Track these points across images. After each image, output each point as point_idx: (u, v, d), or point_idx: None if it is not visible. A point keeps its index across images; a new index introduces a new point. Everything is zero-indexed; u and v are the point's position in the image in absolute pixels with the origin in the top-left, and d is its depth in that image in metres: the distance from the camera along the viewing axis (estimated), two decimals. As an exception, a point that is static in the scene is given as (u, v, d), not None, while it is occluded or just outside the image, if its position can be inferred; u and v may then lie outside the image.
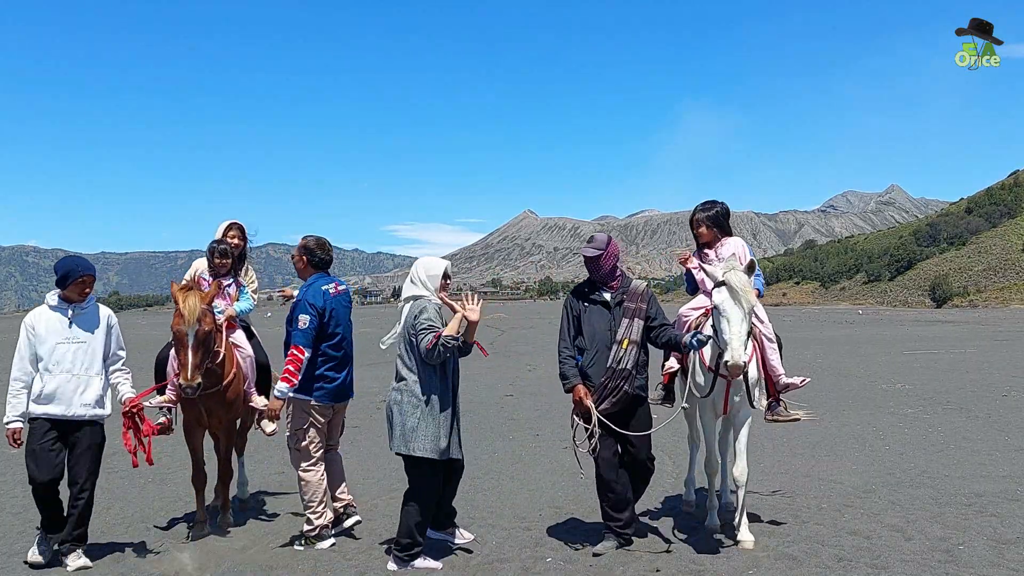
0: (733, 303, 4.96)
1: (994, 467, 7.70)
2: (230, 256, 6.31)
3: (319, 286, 5.53)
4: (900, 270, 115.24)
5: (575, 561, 5.12)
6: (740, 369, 4.92)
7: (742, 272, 5.09)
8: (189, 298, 5.40)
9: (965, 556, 5.03)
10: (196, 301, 5.39)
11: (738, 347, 4.87)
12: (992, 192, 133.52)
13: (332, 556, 5.30)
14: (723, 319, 4.98)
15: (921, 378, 15.83)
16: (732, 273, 5.06)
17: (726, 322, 4.96)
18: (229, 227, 6.57)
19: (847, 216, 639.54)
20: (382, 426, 10.67)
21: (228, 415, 5.93)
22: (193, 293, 5.47)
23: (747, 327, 4.98)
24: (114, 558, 5.38)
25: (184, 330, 5.31)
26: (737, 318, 4.93)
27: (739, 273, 5.06)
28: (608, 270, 5.36)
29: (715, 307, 5.08)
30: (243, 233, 6.67)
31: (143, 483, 7.49)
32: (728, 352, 4.90)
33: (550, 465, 8.19)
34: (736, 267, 5.16)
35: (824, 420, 10.32)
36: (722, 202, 6.06)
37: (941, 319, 51.59)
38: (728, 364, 4.90)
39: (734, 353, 4.86)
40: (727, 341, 4.92)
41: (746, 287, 4.99)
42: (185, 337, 5.31)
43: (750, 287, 5.05)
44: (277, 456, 8.55)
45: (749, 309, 5.00)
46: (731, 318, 4.94)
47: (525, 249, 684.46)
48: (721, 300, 5.02)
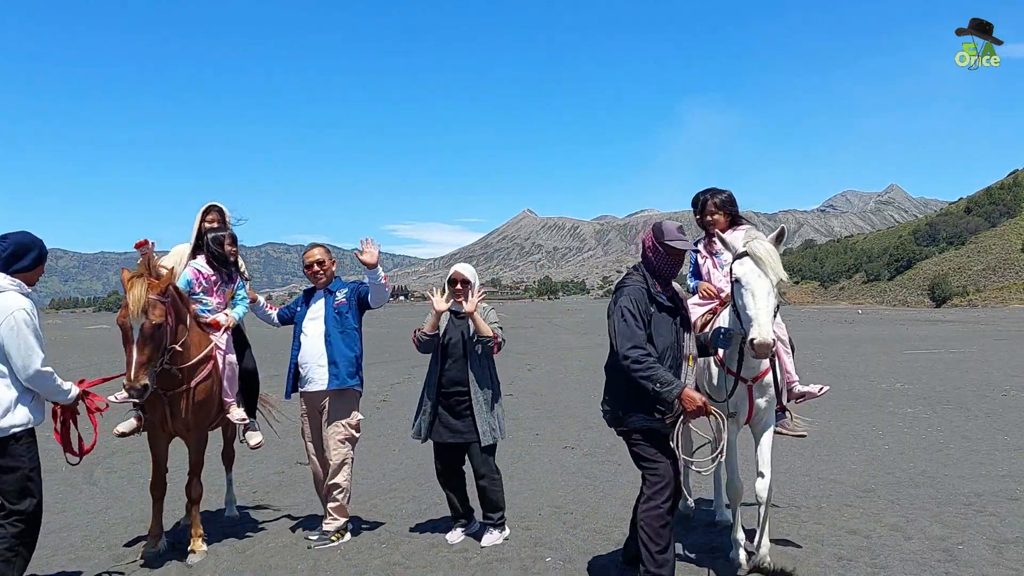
0: (758, 274, 4.41)
1: (994, 466, 7.70)
2: (236, 243, 5.81)
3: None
4: (900, 270, 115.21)
5: (575, 561, 5.12)
6: (769, 348, 4.28)
7: (767, 242, 4.55)
8: (135, 287, 4.68)
9: (965, 555, 5.03)
10: (143, 291, 4.67)
11: (766, 322, 4.28)
12: (991, 192, 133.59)
13: (332, 555, 5.30)
14: (747, 292, 4.40)
15: (921, 378, 15.84)
16: (755, 242, 4.54)
17: (750, 296, 4.38)
18: (207, 211, 5.88)
19: (847, 216, 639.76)
20: (382, 426, 10.71)
21: (197, 419, 5.27)
22: (140, 281, 4.73)
23: (774, 302, 4.41)
24: (114, 557, 5.38)
25: (129, 323, 4.62)
26: (763, 291, 4.37)
27: (763, 242, 4.54)
28: (678, 269, 4.61)
29: (736, 281, 4.50)
30: (223, 218, 5.95)
31: (142, 483, 7.48)
32: (755, 328, 4.28)
33: (550, 465, 8.19)
34: (759, 236, 4.65)
35: (824, 420, 10.33)
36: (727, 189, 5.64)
37: (941, 319, 51.62)
38: (755, 342, 4.25)
39: (761, 329, 4.25)
40: (752, 317, 4.31)
41: (772, 257, 4.45)
42: (130, 331, 4.62)
43: (776, 257, 4.49)
44: (277, 456, 8.56)
45: (776, 282, 4.43)
46: (756, 291, 4.37)
47: (524, 249, 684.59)
48: (744, 272, 4.46)
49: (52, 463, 8.56)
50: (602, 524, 5.91)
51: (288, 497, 7.02)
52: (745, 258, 4.51)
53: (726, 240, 4.73)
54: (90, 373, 22.19)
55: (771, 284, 4.40)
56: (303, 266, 5.92)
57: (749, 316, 4.35)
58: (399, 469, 8.05)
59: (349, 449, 5.64)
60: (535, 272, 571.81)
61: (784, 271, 4.51)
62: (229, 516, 6.38)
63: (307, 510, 6.49)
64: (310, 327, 5.69)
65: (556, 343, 31.13)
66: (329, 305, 5.68)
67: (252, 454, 6.61)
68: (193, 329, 5.22)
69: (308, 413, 5.76)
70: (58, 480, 7.63)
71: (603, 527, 5.83)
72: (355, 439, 5.70)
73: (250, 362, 5.95)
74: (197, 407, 5.23)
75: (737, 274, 4.50)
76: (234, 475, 6.69)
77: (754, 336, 4.26)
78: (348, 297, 5.69)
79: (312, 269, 5.79)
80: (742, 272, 4.47)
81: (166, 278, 4.91)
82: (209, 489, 6.39)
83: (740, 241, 4.62)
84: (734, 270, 4.54)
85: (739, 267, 4.51)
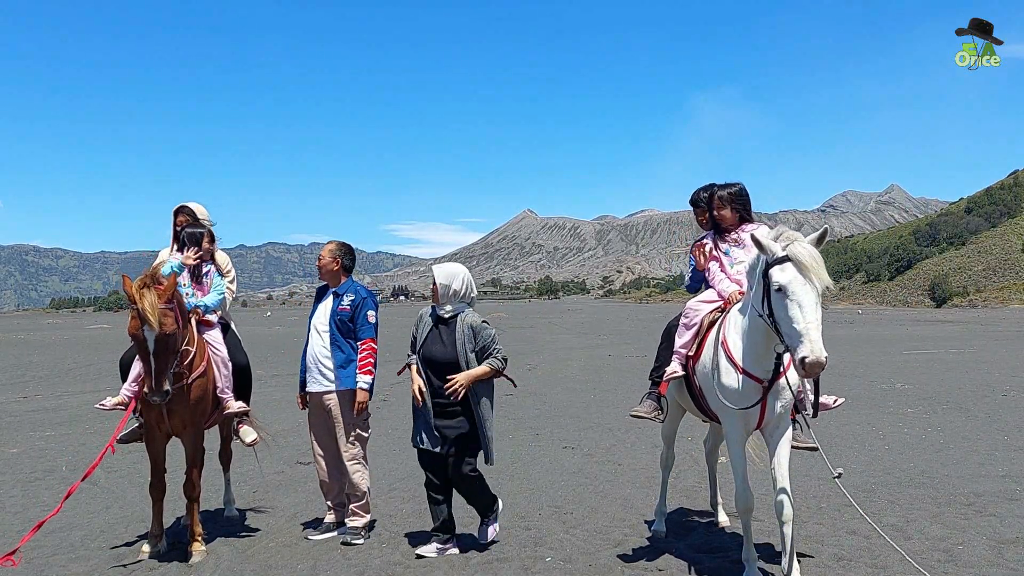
0: (803, 283, 3.97)
1: (993, 467, 7.70)
2: (213, 240, 5.92)
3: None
4: (900, 270, 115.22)
5: (575, 561, 5.12)
6: (822, 367, 3.84)
7: (809, 244, 4.11)
8: (147, 296, 4.74)
9: (964, 556, 5.03)
10: (155, 299, 4.75)
11: (817, 337, 3.85)
12: (992, 192, 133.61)
13: (332, 555, 5.30)
14: (792, 304, 3.96)
15: (921, 378, 15.84)
16: (797, 245, 4.07)
17: (796, 308, 3.94)
18: (177, 212, 5.98)
19: (847, 216, 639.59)
20: (382, 426, 10.70)
21: (193, 415, 5.33)
22: (150, 291, 4.78)
23: (820, 313, 3.98)
24: (115, 556, 5.38)
25: (143, 335, 4.72)
26: (811, 302, 3.94)
27: (806, 244, 4.09)
28: None
29: (779, 289, 4.04)
30: (195, 218, 5.98)
31: (142, 483, 7.47)
32: (805, 345, 3.84)
33: (550, 465, 8.19)
34: (798, 237, 4.16)
35: (824, 420, 10.32)
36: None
37: (941, 319, 51.64)
38: (807, 361, 3.82)
39: (814, 347, 3.81)
40: (801, 332, 3.88)
41: (817, 262, 4.01)
42: (145, 343, 4.73)
43: (821, 262, 4.05)
44: (277, 455, 8.55)
45: (823, 289, 4.02)
46: (803, 302, 3.93)
47: (525, 249, 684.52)
48: (788, 280, 4.01)
49: (52, 463, 8.59)
50: (602, 524, 5.91)
51: (288, 497, 7.02)
52: (787, 263, 4.05)
53: (762, 241, 4.19)
54: (90, 373, 22.16)
55: (819, 293, 3.99)
56: None
57: (797, 331, 3.91)
58: (399, 469, 8.04)
59: (359, 449, 5.67)
60: (535, 272, 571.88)
61: (828, 276, 4.07)
62: (228, 516, 6.39)
63: (307, 510, 6.49)
64: (317, 326, 5.76)
65: (556, 343, 31.14)
66: (334, 308, 5.70)
67: (252, 454, 6.61)
68: (189, 327, 5.30)
69: (314, 412, 5.78)
70: (58, 480, 7.63)
71: (603, 527, 5.83)
72: (364, 439, 5.72)
73: (242, 357, 5.96)
74: (193, 405, 5.29)
75: (779, 282, 4.04)
76: (233, 475, 6.70)
77: (805, 355, 3.83)
78: (352, 306, 5.68)
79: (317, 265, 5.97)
80: (785, 280, 4.02)
81: (170, 284, 4.96)
82: (209, 489, 6.39)
83: (780, 243, 4.18)
84: (774, 276, 4.07)
85: (780, 274, 4.05)
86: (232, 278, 6.21)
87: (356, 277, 6.07)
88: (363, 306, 5.68)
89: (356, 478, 5.63)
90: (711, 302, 5.09)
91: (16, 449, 9.47)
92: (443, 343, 5.26)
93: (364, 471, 5.69)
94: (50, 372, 20.50)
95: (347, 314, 5.66)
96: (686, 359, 5.03)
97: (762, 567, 4.78)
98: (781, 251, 4.09)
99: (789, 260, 4.05)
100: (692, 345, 5.01)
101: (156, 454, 5.41)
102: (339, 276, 5.83)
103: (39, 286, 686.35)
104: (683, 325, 5.10)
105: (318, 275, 5.93)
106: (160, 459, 5.42)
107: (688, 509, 6.46)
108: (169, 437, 5.46)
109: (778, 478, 4.46)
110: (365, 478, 5.68)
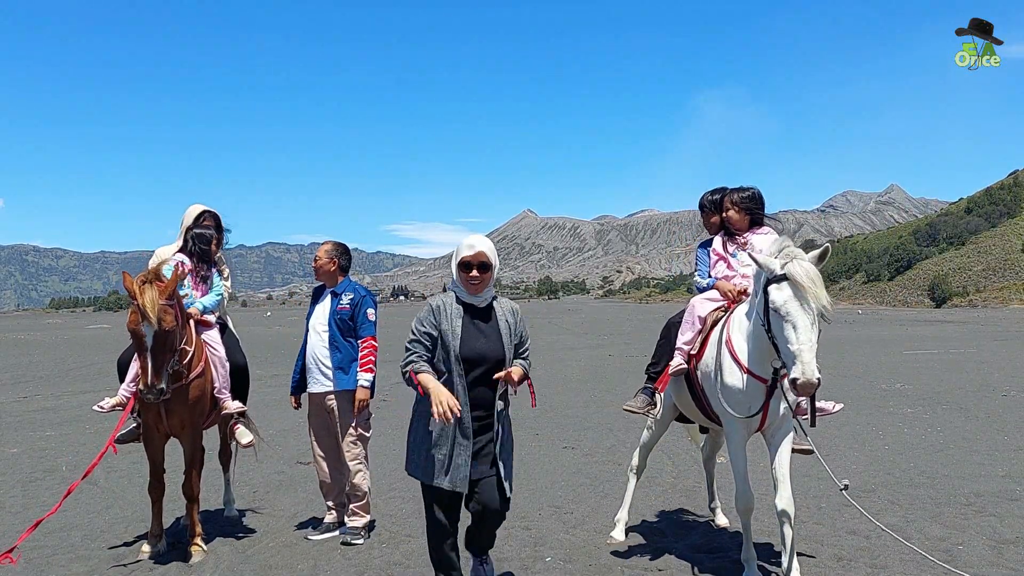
0: (799, 304, 3.97)
1: (993, 467, 7.70)
2: (220, 245, 5.98)
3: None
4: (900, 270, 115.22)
5: (575, 561, 5.12)
6: (814, 387, 3.90)
7: (807, 262, 4.06)
8: (147, 292, 4.76)
9: (964, 556, 5.03)
10: (156, 295, 4.77)
11: (809, 360, 3.87)
12: (991, 192, 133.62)
13: (332, 555, 5.30)
14: (787, 325, 3.97)
15: (921, 378, 15.84)
16: (796, 264, 4.02)
17: (791, 328, 3.95)
18: (202, 215, 5.96)
19: (847, 216, 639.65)
20: (382, 426, 10.69)
21: (192, 415, 5.32)
22: (151, 287, 4.81)
23: (817, 333, 3.96)
24: (115, 556, 5.38)
25: (142, 330, 4.74)
26: (806, 324, 3.93)
27: (804, 263, 4.03)
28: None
29: (775, 310, 4.04)
30: (218, 223, 6.04)
31: (142, 482, 7.47)
32: (797, 367, 3.88)
33: (550, 465, 8.19)
34: (798, 255, 4.10)
35: (824, 420, 10.30)
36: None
37: (941, 319, 51.62)
38: (798, 383, 3.87)
39: (806, 368, 3.85)
40: (794, 353, 3.90)
41: (815, 282, 3.98)
42: (144, 338, 4.76)
43: (820, 281, 4.01)
44: (277, 455, 8.56)
45: (819, 309, 3.97)
46: (798, 324, 3.94)
47: (525, 249, 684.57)
48: (784, 300, 4.00)
49: (52, 463, 8.59)
50: (602, 524, 5.91)
51: (288, 497, 7.02)
52: (784, 283, 4.03)
53: (759, 260, 4.19)
54: (90, 373, 22.16)
55: (815, 314, 3.97)
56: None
57: (791, 352, 3.93)
58: (399, 469, 8.03)
59: (361, 449, 5.67)
60: (535, 272, 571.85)
61: (827, 296, 4.03)
62: (228, 516, 6.39)
63: (307, 510, 6.49)
64: (316, 327, 5.76)
65: (556, 343, 31.15)
66: (333, 307, 5.71)
67: (252, 454, 6.61)
68: (188, 327, 5.31)
69: (314, 413, 5.78)
70: (58, 480, 7.63)
71: (603, 527, 5.83)
72: (366, 438, 5.72)
73: (239, 357, 5.96)
74: (192, 405, 5.29)
75: (775, 301, 4.03)
76: (233, 475, 6.69)
77: (796, 376, 3.88)
78: (352, 305, 5.69)
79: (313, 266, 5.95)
80: (781, 300, 4.01)
81: (171, 281, 4.98)
82: (208, 489, 6.39)
83: (770, 251, 4.22)
84: (771, 295, 4.06)
85: (777, 293, 4.03)
86: (227, 275, 6.23)
87: (356, 277, 6.08)
88: (363, 304, 5.70)
89: (358, 478, 5.63)
90: (715, 300, 5.08)
91: (16, 449, 9.47)
92: (485, 336, 4.04)
93: (366, 471, 5.69)
94: (50, 372, 20.50)
95: (347, 313, 5.66)
96: (688, 356, 5.02)
97: (762, 567, 4.78)
98: (779, 269, 4.06)
99: (786, 279, 4.03)
100: (695, 342, 5.00)
101: (154, 454, 5.40)
102: (336, 276, 5.83)
103: (39, 286, 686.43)
104: (686, 322, 5.09)
105: (314, 276, 5.93)
106: (159, 459, 5.42)
107: (688, 509, 6.46)
108: (168, 437, 5.45)
109: (778, 479, 4.46)
110: (367, 478, 5.69)
